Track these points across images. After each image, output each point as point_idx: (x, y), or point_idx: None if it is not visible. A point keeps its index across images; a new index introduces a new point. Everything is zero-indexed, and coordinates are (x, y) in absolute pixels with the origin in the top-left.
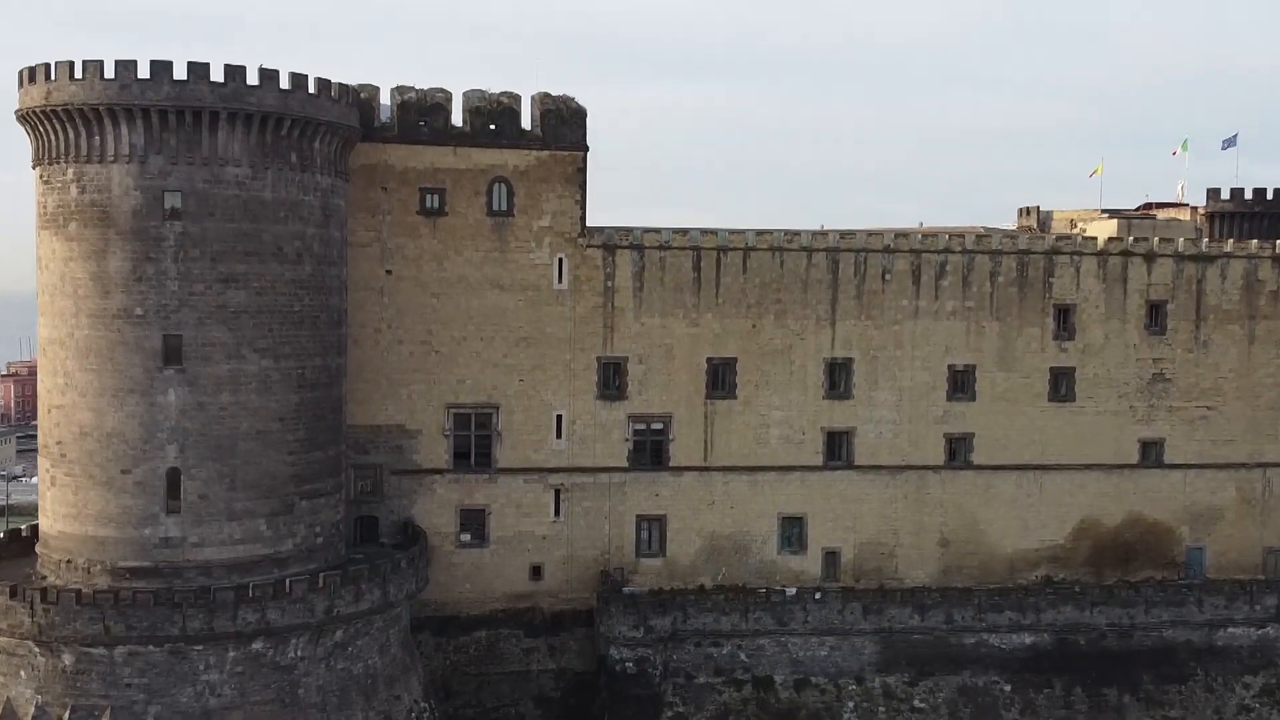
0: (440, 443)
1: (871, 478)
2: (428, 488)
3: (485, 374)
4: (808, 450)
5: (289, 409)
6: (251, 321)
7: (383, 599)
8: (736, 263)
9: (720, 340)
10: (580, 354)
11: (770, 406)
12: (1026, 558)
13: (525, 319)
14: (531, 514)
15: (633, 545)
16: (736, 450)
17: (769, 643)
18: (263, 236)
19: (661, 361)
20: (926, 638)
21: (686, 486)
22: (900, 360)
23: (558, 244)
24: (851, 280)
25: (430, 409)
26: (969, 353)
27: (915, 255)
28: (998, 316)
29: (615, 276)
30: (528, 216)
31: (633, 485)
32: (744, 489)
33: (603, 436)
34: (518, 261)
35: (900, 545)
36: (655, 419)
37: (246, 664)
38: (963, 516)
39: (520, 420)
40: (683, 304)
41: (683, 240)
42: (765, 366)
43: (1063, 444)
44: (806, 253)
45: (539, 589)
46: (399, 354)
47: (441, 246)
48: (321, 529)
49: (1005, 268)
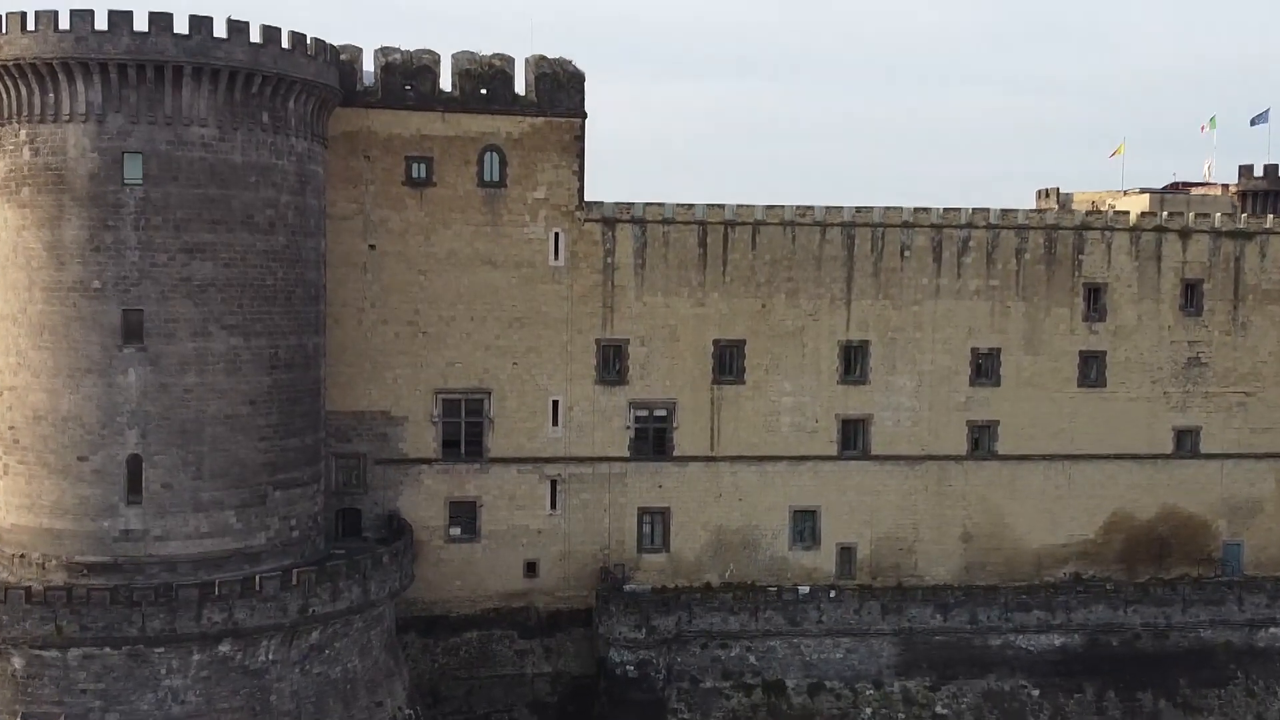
0: (428, 430)
1: (889, 468)
2: (414, 478)
3: (476, 357)
4: (821, 439)
5: (261, 391)
6: (219, 296)
7: (363, 597)
8: (745, 238)
9: (728, 321)
10: (578, 335)
11: (781, 392)
12: (1054, 554)
13: (519, 298)
14: (526, 506)
15: (634, 540)
16: (745, 439)
17: (780, 644)
18: (231, 203)
19: (665, 344)
20: (949, 639)
21: (692, 477)
22: (920, 343)
23: (554, 217)
24: (868, 257)
25: (417, 394)
26: (993, 335)
27: (936, 230)
28: (1024, 296)
29: (615, 253)
30: (521, 188)
31: (634, 476)
32: (753, 480)
33: (602, 424)
34: (511, 236)
35: (920, 540)
36: (658, 405)
37: (213, 668)
38: (986, 510)
39: (514, 406)
40: (688, 282)
41: (688, 214)
42: (776, 349)
43: (1093, 432)
44: (820, 228)
45: (534, 587)
46: (383, 335)
47: (429, 219)
48: (297, 522)
49: (1032, 244)
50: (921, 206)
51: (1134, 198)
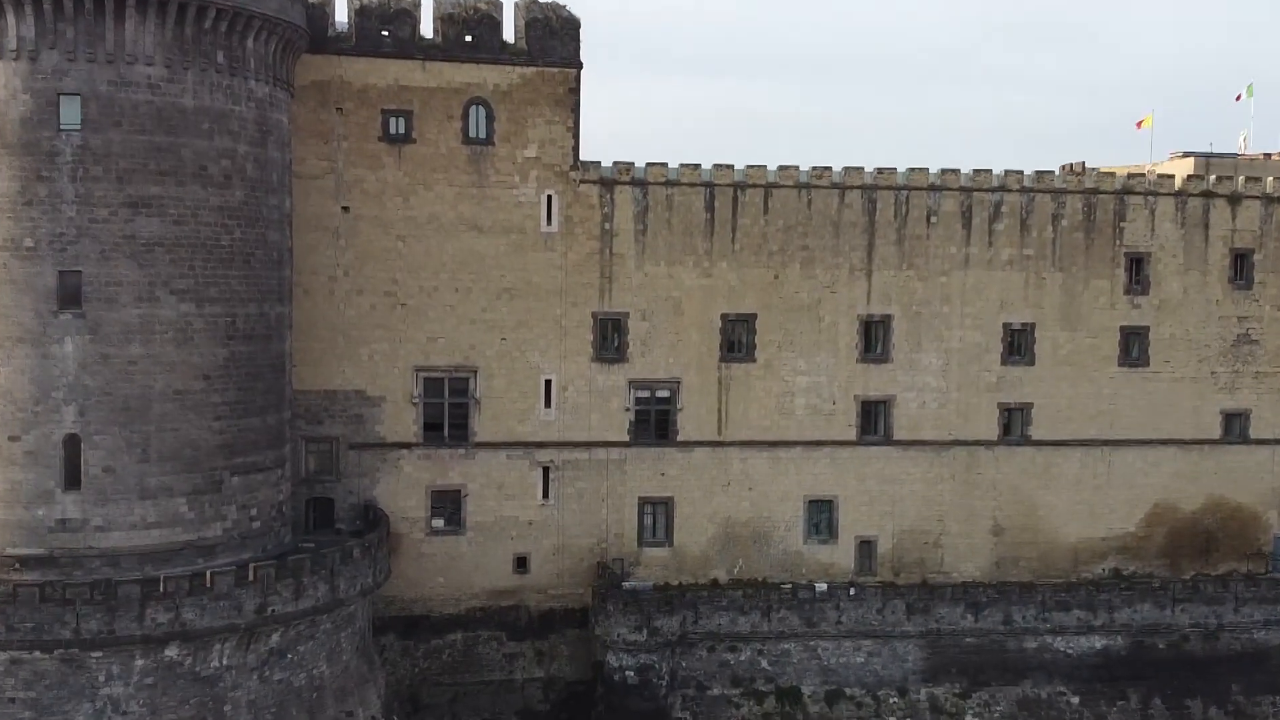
0: (407, 412)
1: (913, 455)
2: (393, 465)
3: (461, 331)
4: (839, 422)
5: (215, 364)
6: (168, 256)
7: (330, 596)
8: (756, 202)
9: (737, 293)
10: (573, 308)
11: (795, 371)
12: (1092, 548)
13: (508, 267)
14: (515, 496)
15: (634, 533)
16: (756, 422)
17: (795, 647)
18: (181, 152)
19: (668, 318)
20: (981, 641)
21: (697, 464)
22: (947, 317)
23: (546, 178)
24: (891, 223)
25: (395, 372)
26: (1027, 309)
27: (965, 194)
28: (1061, 266)
29: (614, 218)
30: (511, 145)
31: (634, 463)
32: (764, 467)
33: (599, 405)
34: (499, 199)
35: (946, 534)
36: (661, 385)
37: (159, 674)
38: (1019, 500)
39: (502, 386)
40: (693, 250)
41: (693, 175)
42: (789, 324)
43: (1134, 416)
44: (838, 190)
45: (524, 583)
46: (358, 307)
47: (408, 180)
48: (258, 511)
49: (1070, 210)
50: (950, 168)
51: (1177, 162)
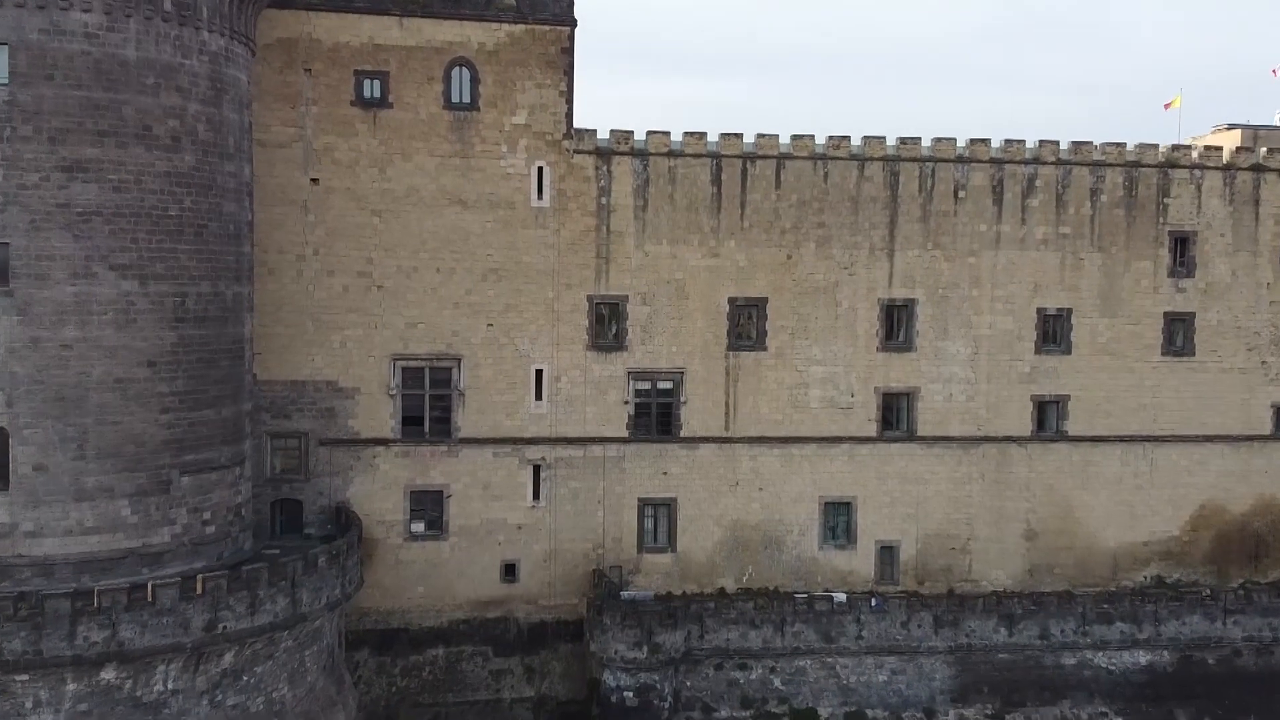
0: (384, 404)
1: (939, 452)
2: (368, 463)
3: (443, 316)
4: (858, 417)
5: (162, 350)
6: (107, 228)
7: (291, 610)
8: (767, 175)
9: (746, 275)
10: (566, 291)
11: (810, 360)
12: (1133, 553)
13: (495, 245)
14: (503, 496)
15: (634, 537)
16: (766, 416)
17: (812, 665)
18: (123, 110)
19: (671, 302)
20: (1015, 657)
21: (703, 462)
22: (977, 302)
23: (537, 148)
24: (915, 198)
25: (371, 361)
26: (1063, 293)
27: (997, 167)
28: (1100, 246)
29: (612, 192)
30: (498, 111)
31: (634, 460)
32: (776, 466)
33: (595, 398)
34: (485, 170)
35: (975, 538)
36: (663, 376)
37: (94, 700)
38: (1054, 501)
39: (489, 376)
40: (698, 228)
41: (699, 145)
42: (804, 309)
43: (1178, 410)
44: (858, 162)
45: (513, 593)
46: (329, 289)
47: (384, 149)
48: (213, 515)
49: (1110, 184)
50: (979, 137)
51: (1223, 134)
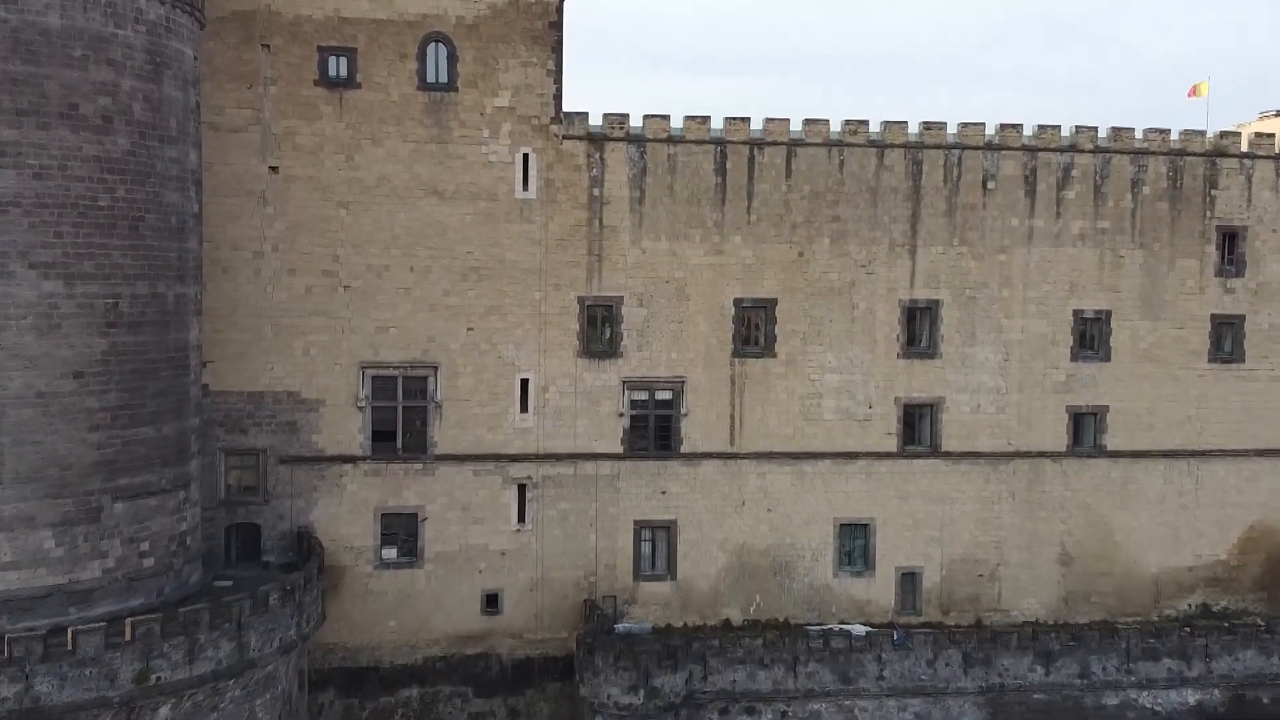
0: (352, 418)
1: (965, 469)
2: (334, 483)
3: (418, 320)
4: (876, 430)
5: (91, 359)
6: (26, 220)
7: (237, 656)
8: (777, 163)
9: (754, 274)
10: (555, 292)
11: (824, 368)
12: (1177, 579)
13: (476, 241)
14: (485, 519)
15: (630, 564)
16: (776, 430)
17: (827, 708)
18: (45, 86)
19: (670, 304)
20: (1052, 698)
21: (706, 480)
22: (1007, 303)
23: (522, 133)
24: (940, 189)
25: (337, 369)
26: (1102, 293)
27: (1029, 155)
28: (1141, 243)
29: (605, 182)
30: (478, 92)
31: (630, 479)
32: (786, 484)
33: (587, 410)
34: (464, 157)
35: (1005, 563)
36: (661, 385)
37: None
38: (1092, 523)
39: (469, 386)
40: (701, 222)
41: (702, 131)
42: (817, 311)
43: (1227, 421)
44: (877, 150)
45: (495, 627)
46: (290, 289)
47: (352, 133)
48: (152, 545)
49: (1152, 175)
50: (1010, 123)
51: (1270, 120)
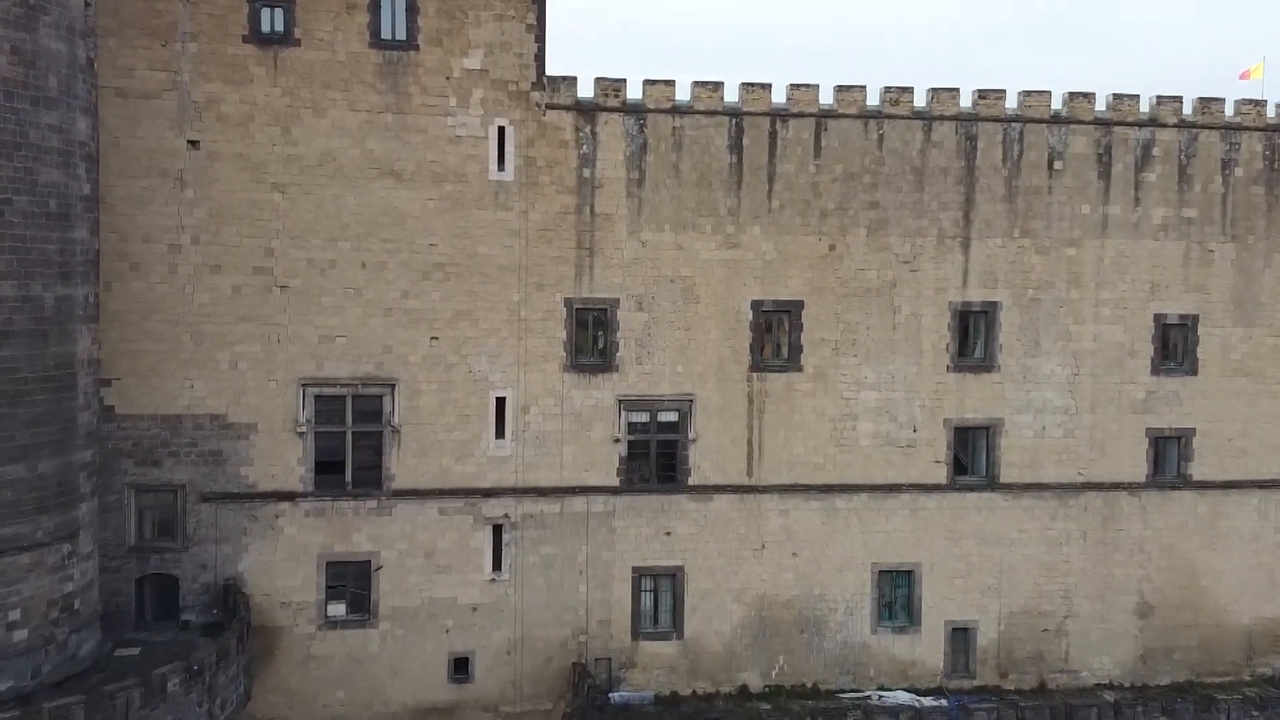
0: (290, 446)
1: (1028, 504)
2: (268, 525)
3: (370, 327)
4: (922, 458)
5: None
6: None
7: None
8: (804, 139)
9: (775, 271)
10: (537, 293)
11: (859, 384)
12: (1273, 631)
13: (441, 231)
14: (453, 567)
15: (627, 619)
16: (802, 458)
17: None
18: None
19: (676, 307)
20: None
21: (718, 519)
22: (1077, 306)
23: (497, 101)
24: (998, 170)
25: (271, 387)
26: (1187, 295)
27: (1103, 130)
28: (1233, 234)
29: (598, 160)
30: (443, 51)
31: (627, 517)
32: (815, 523)
33: (576, 434)
34: (426, 130)
35: (1074, 616)
36: (665, 404)
37: None
38: (1174, 566)
39: (433, 407)
40: (712, 209)
41: (713, 99)
42: (851, 316)
43: None
44: (923, 123)
45: (465, 697)
46: (214, 290)
47: (289, 101)
48: (25, 614)
49: (1246, 154)
50: (1081, 90)
51: None
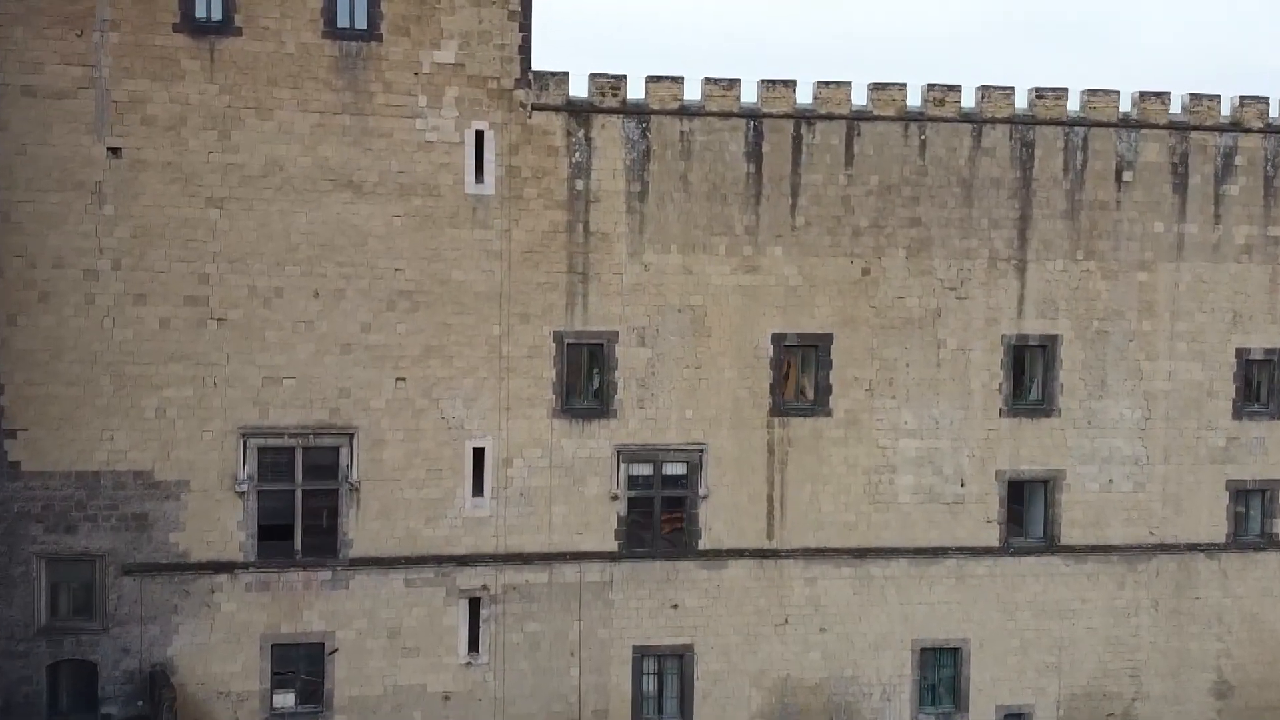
0: (229, 508)
1: (1092, 569)
2: (202, 601)
3: (325, 366)
4: (971, 517)
5: None
6: None
7: None
8: (834, 145)
9: (800, 299)
10: (522, 326)
11: (898, 431)
12: None
13: (409, 254)
14: (421, 649)
15: (627, 707)
16: (831, 517)
17: None
18: None
19: (684, 341)
20: None
21: (734, 589)
22: (1150, 340)
23: (475, 101)
24: (1058, 182)
25: (207, 439)
26: (1275, 326)
27: (1178, 136)
28: None
29: (594, 170)
30: (411, 41)
31: (627, 588)
32: (846, 594)
33: (567, 491)
34: (391, 135)
35: (1144, 697)
36: (672, 455)
37: None
38: (1258, 639)
39: (399, 459)
40: (727, 227)
41: (727, 100)
42: (889, 352)
43: None
44: (972, 126)
45: None
46: (139, 324)
47: (229, 101)
48: None
49: None
50: (1153, 90)
51: None
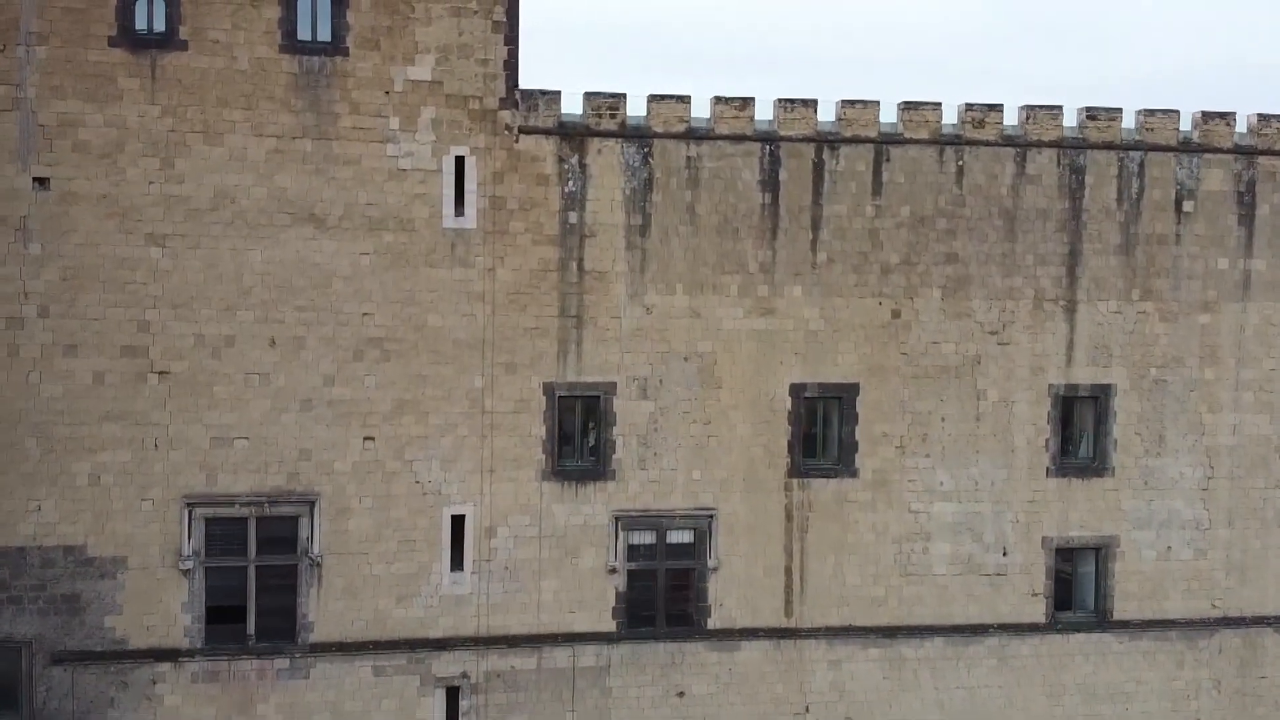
0: (172, 587)
1: (1148, 647)
2: (142, 694)
3: (283, 424)
4: (1015, 589)
5: None
6: None
7: None
8: (859, 171)
9: (822, 346)
10: (507, 377)
11: (932, 493)
12: None
13: (379, 296)
14: None
15: None
16: (857, 591)
17: None
18: None
19: (692, 393)
20: None
21: (747, 673)
22: (1213, 390)
23: (454, 123)
24: (1111, 213)
25: (147, 508)
26: None
27: (1244, 161)
28: None
29: (589, 201)
30: (381, 56)
31: (627, 673)
32: (875, 678)
33: (558, 563)
34: (359, 162)
35: None
36: (677, 522)
37: None
38: None
39: (367, 529)
40: (740, 265)
41: (740, 122)
42: (921, 404)
43: None
44: (1015, 150)
45: None
46: (69, 379)
47: (173, 124)
48: None
49: None
50: (1216, 111)
51: None
